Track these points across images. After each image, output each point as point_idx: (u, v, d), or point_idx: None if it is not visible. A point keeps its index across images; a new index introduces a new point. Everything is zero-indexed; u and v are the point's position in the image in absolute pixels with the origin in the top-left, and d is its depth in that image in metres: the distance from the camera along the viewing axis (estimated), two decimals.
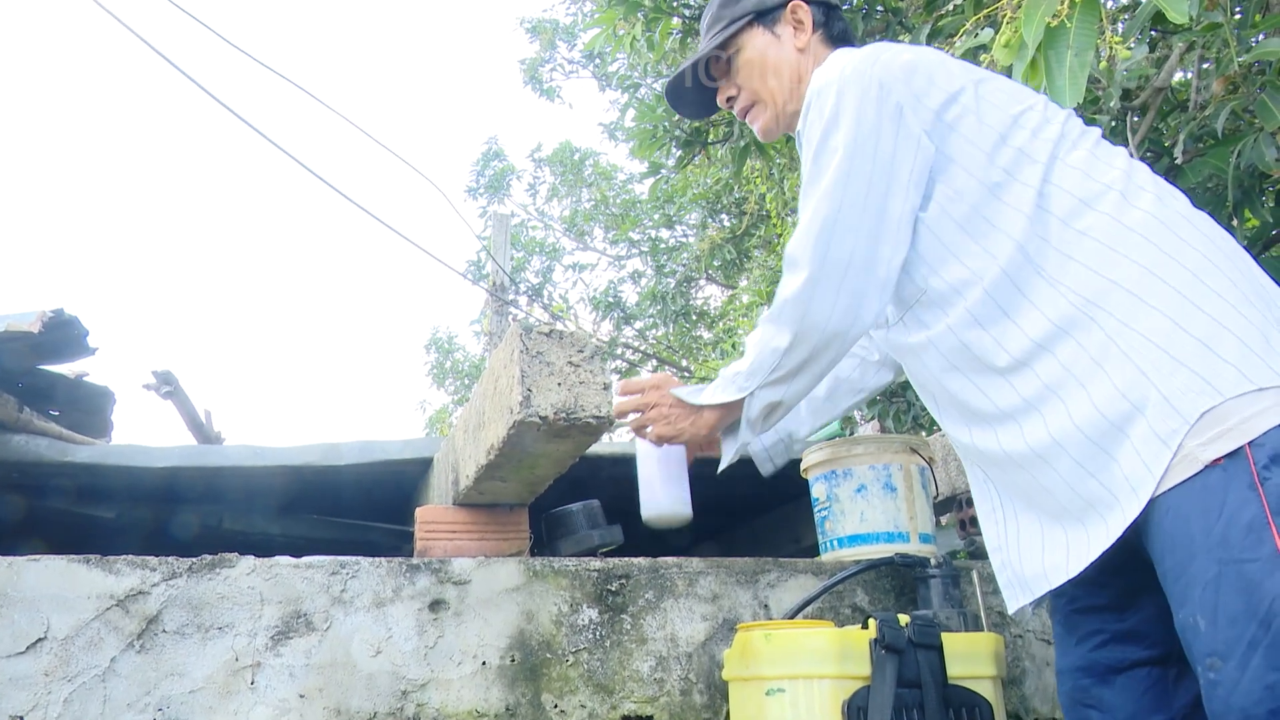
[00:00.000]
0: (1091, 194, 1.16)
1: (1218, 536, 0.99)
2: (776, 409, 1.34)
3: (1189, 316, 1.06)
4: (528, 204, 13.00)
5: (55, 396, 2.13)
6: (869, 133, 1.22)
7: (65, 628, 1.41)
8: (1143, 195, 1.15)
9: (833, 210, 1.22)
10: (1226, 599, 0.97)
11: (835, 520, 1.82)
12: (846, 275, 1.22)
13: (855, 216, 1.22)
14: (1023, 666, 1.81)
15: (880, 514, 1.77)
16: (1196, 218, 1.15)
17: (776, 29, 1.45)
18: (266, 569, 1.51)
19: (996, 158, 1.20)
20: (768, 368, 1.30)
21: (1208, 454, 1.01)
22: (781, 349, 1.28)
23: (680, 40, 3.81)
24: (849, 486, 1.81)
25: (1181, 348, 1.05)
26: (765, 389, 1.32)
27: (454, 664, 1.54)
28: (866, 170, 1.21)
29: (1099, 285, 1.11)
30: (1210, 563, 0.99)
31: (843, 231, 1.22)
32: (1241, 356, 1.03)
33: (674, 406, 1.41)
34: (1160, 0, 1.42)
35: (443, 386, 13.03)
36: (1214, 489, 1.00)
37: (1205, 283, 1.08)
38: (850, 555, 1.78)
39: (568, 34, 11.08)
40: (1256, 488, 0.98)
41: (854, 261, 1.22)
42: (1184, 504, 1.02)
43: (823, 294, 1.23)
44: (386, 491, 2.24)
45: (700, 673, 1.64)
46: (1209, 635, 0.99)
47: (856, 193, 1.22)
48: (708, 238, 8.89)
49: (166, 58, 3.85)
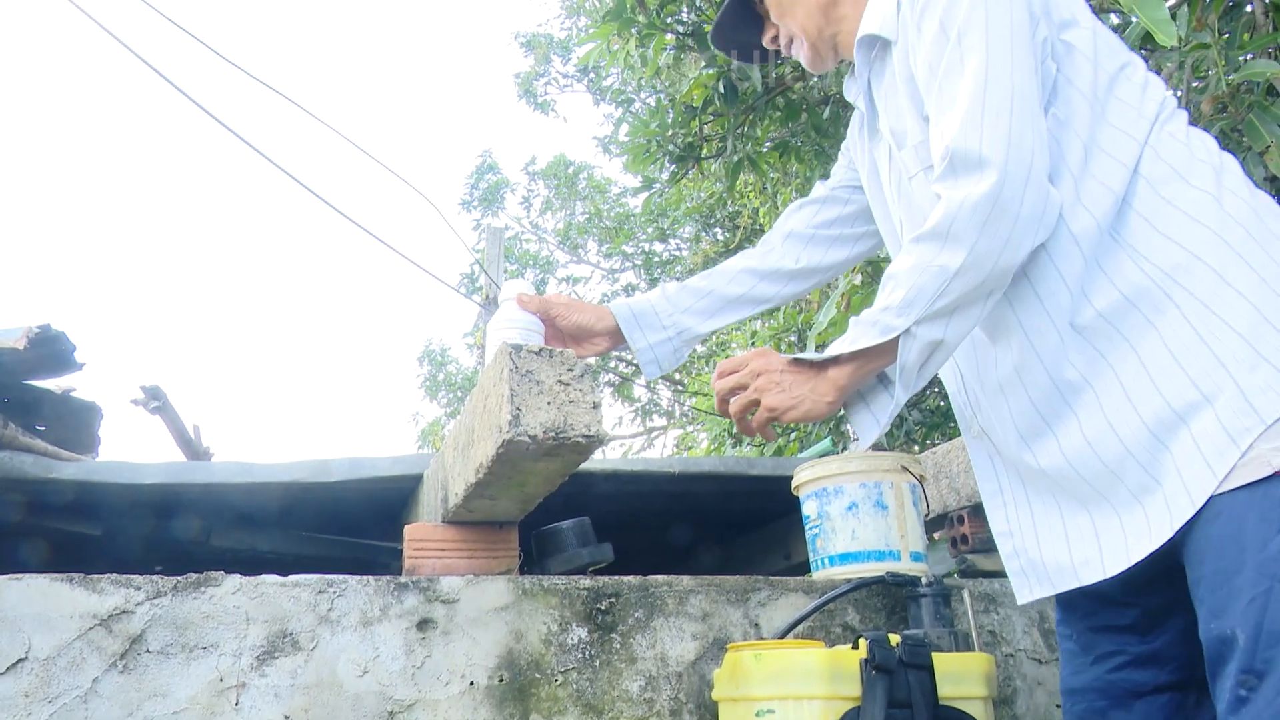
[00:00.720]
0: (1188, 166, 1.06)
1: (1275, 550, 0.92)
2: (938, 351, 1.09)
3: (1277, 309, 0.98)
4: (522, 217, 13.03)
5: (41, 412, 2.12)
6: (1002, 6, 1.08)
7: (47, 648, 1.39)
8: (1235, 178, 1.07)
9: (1001, 87, 1.05)
10: (1274, 617, 0.91)
11: (826, 538, 1.82)
12: (1034, 164, 1.03)
13: (1022, 94, 1.05)
14: (1014, 686, 1.81)
15: (871, 532, 1.77)
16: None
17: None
18: (252, 588, 1.50)
19: (1107, 100, 1.10)
20: (931, 294, 1.06)
21: (1278, 459, 0.93)
22: (952, 269, 1.04)
23: (674, 56, 3.83)
24: (840, 504, 1.81)
25: (1267, 341, 0.97)
26: (927, 323, 1.07)
27: (442, 684, 1.53)
28: (1008, 44, 1.06)
29: (1180, 259, 1.02)
30: (1262, 576, 0.92)
31: (1020, 111, 1.04)
32: None
33: (787, 370, 1.17)
34: (1149, 23, 1.43)
35: (435, 399, 13.02)
36: (1277, 499, 0.93)
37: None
38: (842, 573, 1.77)
39: (562, 48, 11.13)
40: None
41: (1037, 145, 1.04)
42: (1241, 509, 0.95)
43: (1012, 193, 1.02)
44: (376, 508, 2.23)
45: (690, 693, 1.63)
46: (1248, 651, 0.92)
47: (1018, 68, 1.06)
48: (701, 251, 8.91)
49: (160, 73, 3.85)
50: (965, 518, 2.12)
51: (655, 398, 11.49)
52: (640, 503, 2.45)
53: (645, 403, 11.42)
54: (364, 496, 2.14)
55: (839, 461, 1.84)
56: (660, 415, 11.43)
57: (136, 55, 3.81)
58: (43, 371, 2.03)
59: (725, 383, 1.23)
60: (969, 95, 1.06)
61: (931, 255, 1.06)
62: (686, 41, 3.60)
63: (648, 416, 11.42)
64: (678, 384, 10.89)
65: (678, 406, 11.19)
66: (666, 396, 11.46)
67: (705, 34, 3.52)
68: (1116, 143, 1.08)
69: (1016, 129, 1.03)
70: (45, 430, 2.12)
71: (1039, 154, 1.04)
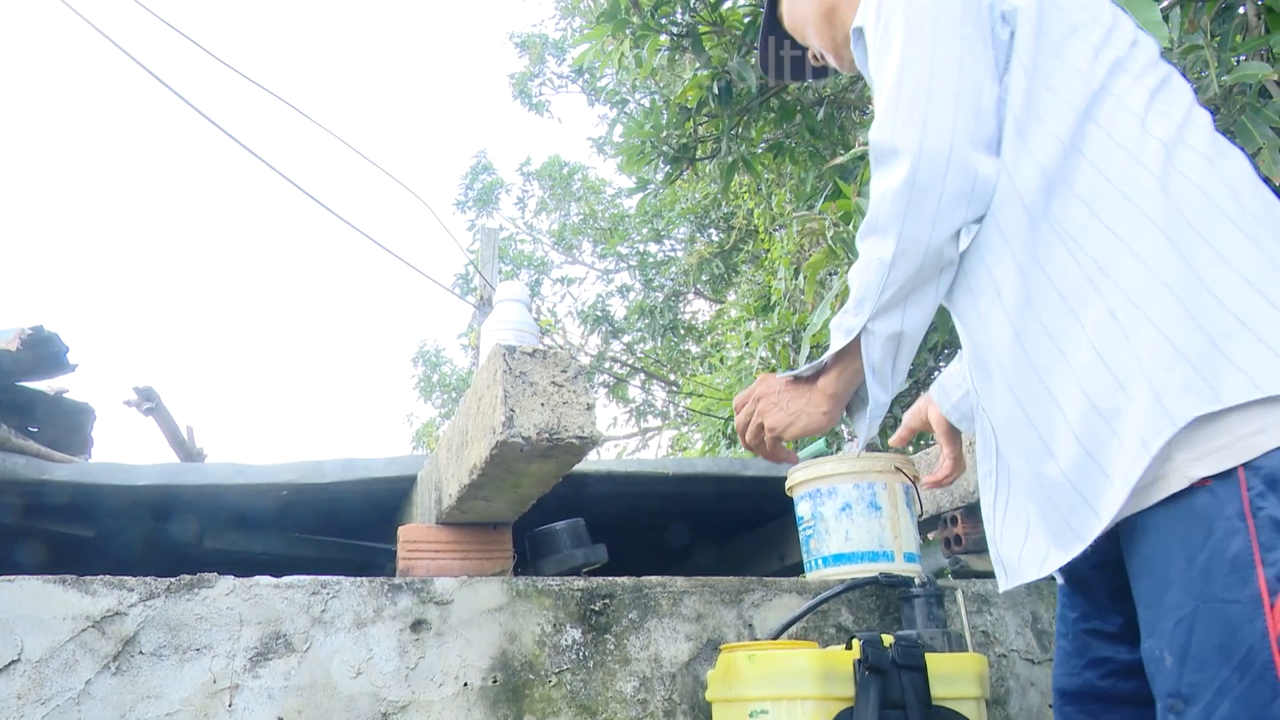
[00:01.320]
0: (1138, 142, 0.99)
1: (1199, 569, 0.88)
2: (902, 343, 1.08)
3: (1204, 304, 0.91)
4: (516, 217, 13.02)
5: (34, 413, 2.11)
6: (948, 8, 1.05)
7: (39, 649, 1.39)
8: (1185, 153, 0.98)
9: (917, 70, 1.03)
10: (1200, 639, 0.88)
11: (820, 539, 1.82)
12: (955, 144, 1.01)
13: (944, 70, 1.02)
14: (1007, 686, 1.81)
15: (865, 533, 1.77)
16: (1245, 184, 0.98)
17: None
18: (246, 589, 1.50)
19: (1051, 66, 1.04)
20: (876, 288, 1.06)
21: (1196, 471, 0.89)
22: (887, 260, 1.04)
23: (668, 57, 3.83)
24: (833, 505, 1.81)
25: (1187, 339, 0.91)
26: (882, 318, 1.07)
27: (435, 685, 1.52)
28: (930, 20, 1.04)
29: (1112, 250, 0.96)
30: (1187, 597, 0.89)
31: (938, 91, 1.02)
32: (1255, 358, 0.88)
33: (784, 390, 1.19)
34: (1141, 25, 1.43)
35: (430, 400, 13.00)
36: (1200, 514, 0.89)
37: (1234, 265, 0.93)
38: (835, 574, 1.78)
39: (557, 49, 11.13)
40: (1247, 518, 0.86)
41: (959, 123, 1.01)
42: (1166, 526, 0.91)
43: (929, 177, 1.01)
44: (370, 509, 2.23)
45: (684, 693, 1.63)
46: (1174, 674, 0.90)
47: (940, 43, 1.03)
48: (696, 252, 8.91)
49: (153, 73, 3.84)
50: (959, 518, 2.13)
51: (650, 399, 11.50)
52: (634, 504, 2.45)
53: (640, 403, 11.43)
54: (358, 498, 2.14)
55: (833, 462, 1.84)
56: (655, 416, 11.44)
57: (131, 57, 3.80)
58: (35, 373, 2.03)
59: (739, 417, 1.26)
60: (887, 85, 1.06)
61: (870, 250, 1.07)
62: (681, 42, 3.61)
63: (642, 417, 11.42)
64: (672, 385, 10.90)
65: (672, 407, 11.20)
66: (661, 397, 11.47)
67: (699, 35, 3.53)
68: (1054, 112, 1.03)
69: (934, 111, 1.01)
70: (38, 432, 2.12)
71: (963, 131, 1.01)
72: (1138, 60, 1.05)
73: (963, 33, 1.04)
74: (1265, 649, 0.84)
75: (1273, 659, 0.84)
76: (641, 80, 4.32)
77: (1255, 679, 0.84)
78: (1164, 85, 1.04)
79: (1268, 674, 0.84)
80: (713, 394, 6.88)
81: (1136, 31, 1.09)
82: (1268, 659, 0.84)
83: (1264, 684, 0.84)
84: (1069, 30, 1.06)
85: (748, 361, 5.85)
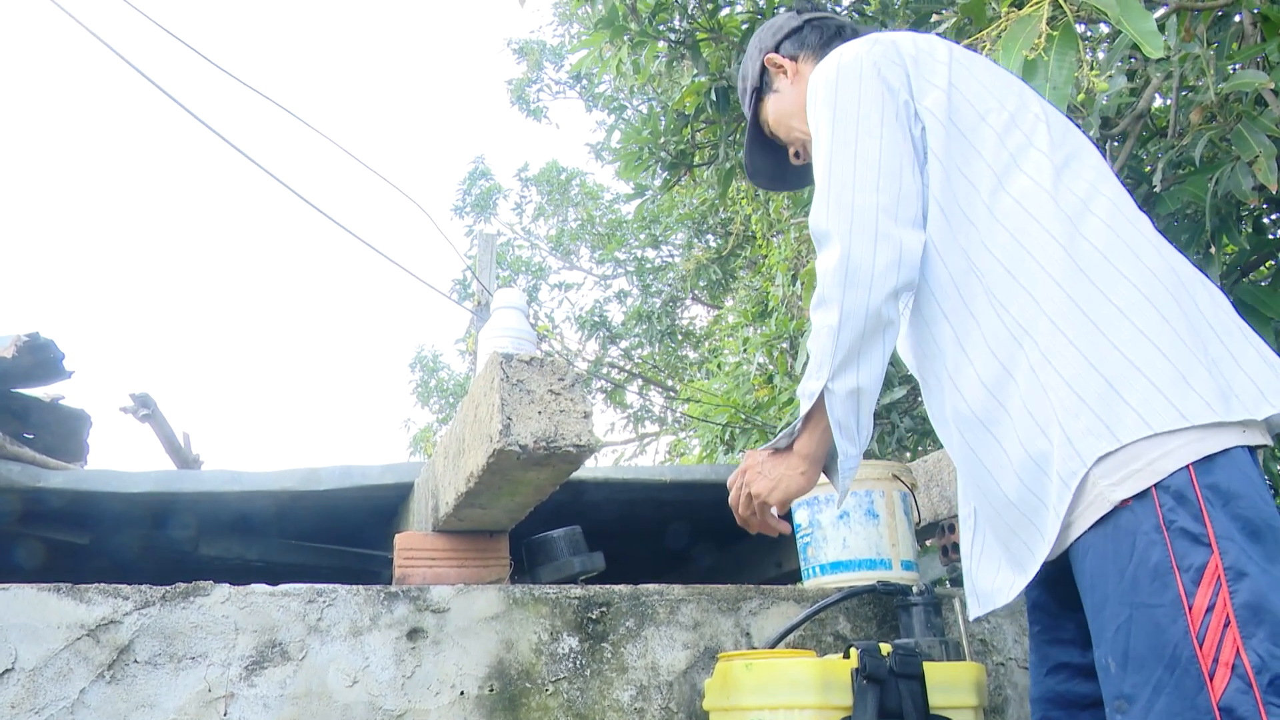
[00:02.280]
0: (1048, 212, 1.14)
1: (1129, 580, 1.00)
2: (861, 398, 1.21)
3: (1103, 354, 1.06)
4: (514, 223, 13.02)
5: (30, 420, 2.11)
6: (850, 94, 1.22)
7: (34, 658, 1.38)
8: (1090, 221, 1.13)
9: (843, 166, 1.20)
10: (1135, 643, 0.99)
11: (818, 547, 1.82)
12: (879, 222, 1.17)
13: (866, 164, 1.19)
14: (1005, 695, 1.81)
15: (862, 541, 1.77)
16: (1145, 247, 1.12)
17: (774, 86, 1.53)
18: (241, 597, 1.49)
19: (963, 155, 1.20)
20: (829, 351, 1.19)
21: (1117, 494, 1.02)
22: (835, 326, 1.18)
23: (666, 64, 3.83)
24: (831, 513, 1.80)
25: (1088, 387, 1.05)
26: (840, 377, 1.19)
27: (432, 694, 1.52)
28: (875, 133, 1.20)
29: (1030, 313, 1.11)
30: (1122, 606, 1.00)
31: (861, 181, 1.19)
32: (1146, 399, 1.02)
33: (766, 460, 1.30)
34: (1135, 34, 1.44)
35: (427, 405, 12.99)
36: (1124, 531, 1.01)
37: (1130, 318, 1.07)
38: (832, 582, 1.78)
39: (555, 55, 11.14)
40: (1162, 531, 0.99)
41: (881, 204, 1.18)
42: (1100, 544, 1.03)
43: (860, 255, 1.17)
44: (366, 517, 2.22)
45: (681, 702, 1.62)
46: (1118, 677, 1.00)
47: (861, 143, 1.20)
48: (693, 258, 8.91)
49: (150, 79, 3.84)
50: (956, 526, 2.12)
51: (647, 404, 11.50)
52: (632, 510, 2.45)
53: (637, 409, 11.42)
54: (355, 505, 2.13)
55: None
56: (652, 422, 11.43)
57: (128, 62, 3.80)
58: (31, 379, 2.02)
59: (731, 493, 1.36)
60: (819, 178, 1.23)
61: (820, 320, 1.21)
62: (679, 49, 3.61)
63: (640, 423, 11.41)
64: (670, 390, 10.89)
65: (670, 413, 11.19)
66: (659, 403, 11.46)
67: (697, 42, 3.53)
68: (969, 196, 1.18)
69: (860, 197, 1.18)
70: (34, 438, 2.11)
71: (886, 210, 1.17)
72: (1045, 136, 1.19)
73: (881, 132, 1.20)
74: (1188, 645, 0.96)
75: (1195, 654, 0.95)
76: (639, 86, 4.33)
77: (1182, 673, 0.95)
78: (1072, 159, 1.19)
79: (1192, 668, 0.95)
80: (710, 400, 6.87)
81: (1044, 108, 1.24)
82: (1191, 654, 0.95)
83: (1189, 677, 0.95)
84: (977, 119, 1.21)
85: (745, 367, 5.85)
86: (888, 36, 1.28)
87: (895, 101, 1.22)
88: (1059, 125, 1.23)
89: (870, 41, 1.27)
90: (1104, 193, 1.16)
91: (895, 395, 3.86)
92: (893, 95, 1.22)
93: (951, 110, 1.21)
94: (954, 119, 1.21)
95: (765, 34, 1.57)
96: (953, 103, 1.22)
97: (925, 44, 1.28)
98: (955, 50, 1.28)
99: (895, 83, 1.22)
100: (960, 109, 1.21)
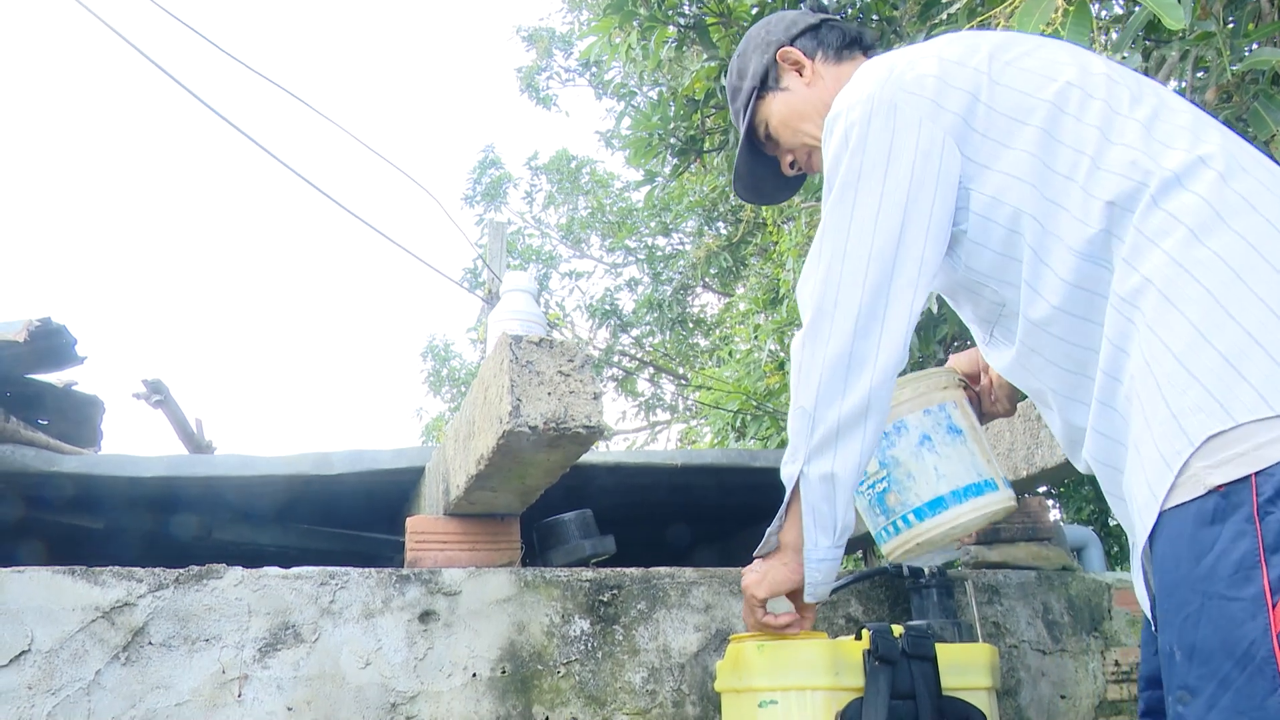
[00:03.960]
0: (1143, 175, 1.03)
1: (1206, 568, 0.93)
2: (836, 485, 1.17)
3: (1217, 324, 0.96)
4: (524, 212, 13.02)
5: (43, 406, 2.12)
6: (878, 159, 1.14)
7: (49, 640, 1.39)
8: (1200, 176, 1.02)
9: (836, 251, 1.16)
10: (1204, 633, 0.93)
11: (903, 487, 1.40)
12: (859, 320, 1.14)
13: (861, 257, 1.14)
14: (1018, 677, 1.80)
15: (958, 464, 1.39)
16: (1264, 198, 1.00)
17: (783, 83, 1.43)
18: (255, 580, 1.50)
19: (1029, 150, 1.10)
20: (805, 434, 1.17)
21: (1213, 479, 0.93)
22: (810, 409, 1.16)
23: (675, 48, 3.82)
24: (908, 442, 1.40)
25: (1200, 361, 0.95)
26: (814, 461, 1.17)
27: (444, 676, 1.52)
28: (873, 203, 1.14)
29: (1134, 282, 1.01)
30: (1194, 594, 0.94)
31: (849, 275, 1.14)
32: (1268, 375, 0.92)
33: (761, 561, 1.28)
34: (1155, 7, 1.42)
35: (439, 394, 13.02)
36: (1211, 517, 0.94)
37: (1247, 282, 0.96)
38: (938, 528, 1.38)
39: (564, 42, 11.11)
40: (1254, 522, 0.91)
41: (863, 304, 1.14)
42: (1180, 527, 0.96)
43: (838, 341, 1.14)
44: (378, 501, 2.23)
45: (693, 684, 1.62)
46: (1183, 667, 0.95)
47: (863, 229, 1.14)
48: (704, 245, 8.89)
49: (161, 67, 3.84)
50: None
51: (659, 392, 11.50)
52: (643, 496, 2.45)
53: (649, 397, 11.42)
54: (366, 489, 2.14)
55: None
56: (664, 410, 11.43)
57: (138, 50, 3.80)
58: (44, 365, 2.03)
59: (743, 610, 1.34)
60: (814, 248, 1.19)
61: (794, 400, 1.18)
62: (688, 34, 3.59)
63: (651, 411, 11.42)
64: (681, 378, 10.89)
65: (681, 401, 11.19)
66: (670, 391, 11.46)
67: (706, 26, 3.51)
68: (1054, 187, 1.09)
69: (846, 285, 1.14)
70: (47, 424, 2.12)
71: (868, 297, 1.13)
72: (1120, 98, 1.10)
73: (897, 197, 1.13)
74: (1266, 644, 0.88)
75: (1273, 654, 0.88)
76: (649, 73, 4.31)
77: (1255, 673, 0.88)
78: (1159, 110, 1.08)
79: (1267, 668, 0.88)
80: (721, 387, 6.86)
81: (1109, 67, 1.14)
82: (1268, 654, 0.88)
83: (1263, 678, 0.88)
84: (1029, 109, 1.12)
85: (756, 354, 5.84)
86: (914, 62, 1.18)
87: (931, 134, 1.13)
88: (1126, 81, 1.13)
89: (896, 72, 1.17)
90: (1206, 137, 1.06)
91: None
92: (928, 124, 1.13)
93: (993, 107, 1.13)
94: (996, 112, 1.13)
95: (774, 28, 1.46)
96: (996, 99, 1.13)
97: (953, 53, 1.18)
98: (989, 48, 1.18)
99: (930, 106, 1.14)
100: (1002, 101, 1.13)
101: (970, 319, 1.29)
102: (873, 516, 1.43)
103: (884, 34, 3.12)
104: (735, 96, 1.49)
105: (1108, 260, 1.05)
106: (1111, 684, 1.87)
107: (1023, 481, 1.95)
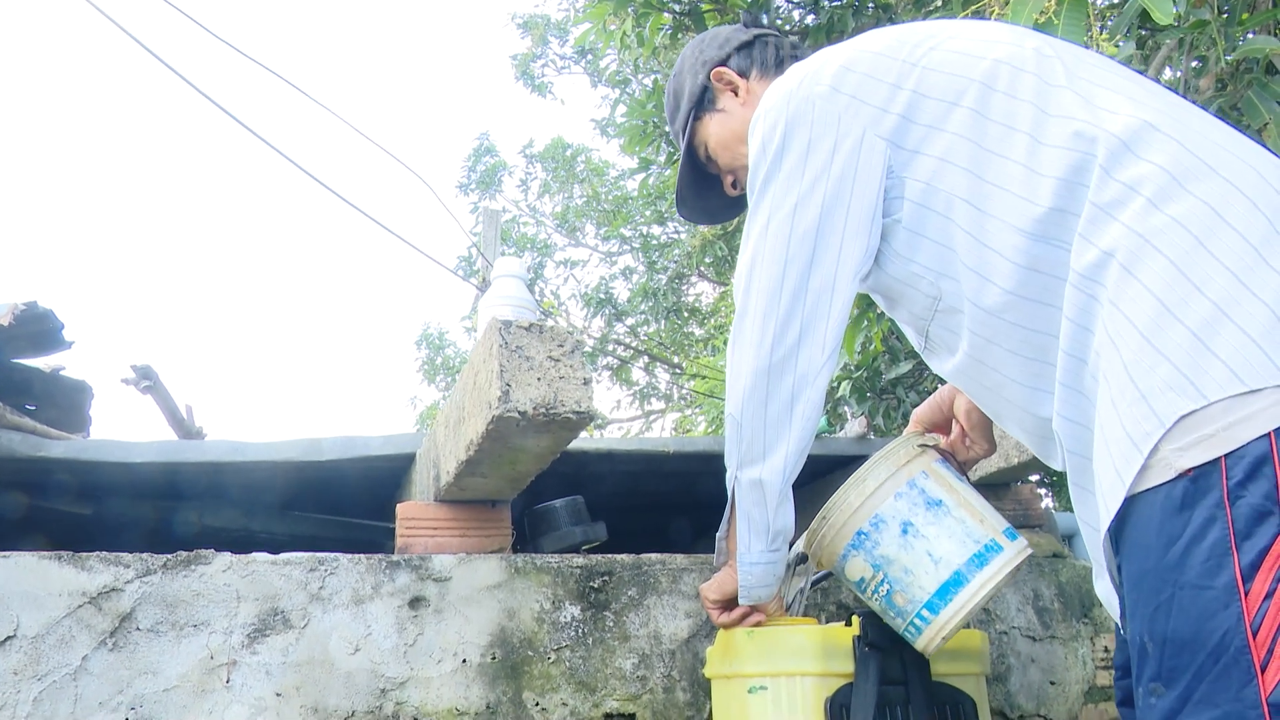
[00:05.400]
0: (1088, 145, 1.00)
1: (1176, 555, 0.89)
2: (765, 491, 1.19)
3: (1183, 296, 0.90)
4: (519, 200, 12.98)
5: (30, 391, 2.11)
6: (794, 160, 1.14)
7: (35, 625, 1.38)
8: (1151, 140, 0.97)
9: (757, 255, 1.17)
10: (1177, 624, 0.89)
11: (905, 585, 1.27)
12: (778, 324, 1.15)
13: (778, 260, 1.15)
14: (1008, 663, 1.81)
15: (950, 542, 1.26)
16: (1221, 156, 0.95)
17: (718, 104, 1.41)
18: (243, 566, 1.49)
19: (960, 132, 1.07)
20: (734, 442, 1.20)
21: (1182, 462, 0.89)
22: (735, 415, 1.18)
23: (670, 35, 3.80)
24: (890, 536, 1.28)
25: (1168, 336, 0.90)
26: (746, 467, 1.19)
27: (434, 662, 1.52)
28: (789, 204, 1.14)
29: (1092, 256, 0.97)
30: (1164, 584, 0.90)
31: (767, 280, 1.15)
32: (1238, 349, 0.87)
33: (718, 570, 1.33)
34: (1145, 0, 1.41)
35: (433, 383, 13.00)
36: (1180, 503, 0.89)
37: (1211, 250, 0.90)
38: (960, 609, 1.25)
39: (559, 30, 11.05)
40: (1225, 507, 0.87)
41: (781, 308, 1.15)
42: (1149, 512, 0.92)
43: (759, 347, 1.16)
44: (369, 487, 2.22)
45: (684, 670, 1.62)
46: (1155, 659, 0.91)
47: (779, 232, 1.14)
48: (699, 234, 8.87)
49: (152, 51, 3.82)
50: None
51: (653, 381, 11.49)
52: (635, 483, 2.45)
53: (643, 386, 11.41)
54: (357, 475, 2.13)
55: (842, 494, 1.32)
56: (659, 399, 11.43)
57: (127, 33, 3.78)
58: (30, 350, 2.02)
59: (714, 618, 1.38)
60: (744, 241, 1.19)
61: (727, 403, 1.20)
62: (683, 21, 3.57)
63: (646, 400, 11.41)
64: (676, 367, 10.89)
65: (676, 390, 11.19)
66: (665, 380, 11.46)
67: (702, 13, 3.49)
68: (994, 168, 1.07)
69: (768, 297, 1.15)
70: (35, 410, 2.11)
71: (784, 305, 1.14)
72: (1054, 72, 1.07)
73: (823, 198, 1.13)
74: (1240, 634, 0.85)
75: (1248, 644, 0.85)
76: (644, 60, 4.29)
77: (1230, 663, 0.85)
78: (1099, 78, 1.05)
79: (1242, 658, 0.85)
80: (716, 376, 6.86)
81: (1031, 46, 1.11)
82: (1243, 644, 0.85)
83: (1238, 668, 0.85)
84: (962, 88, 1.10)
85: None
86: (827, 60, 1.17)
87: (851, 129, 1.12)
88: (1059, 53, 1.10)
89: (809, 71, 1.17)
90: (1151, 102, 1.02)
91: (901, 370, 3.84)
92: (848, 120, 1.12)
93: (924, 92, 1.11)
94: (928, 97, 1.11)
95: (708, 46, 1.43)
96: (925, 84, 1.11)
97: (875, 45, 1.16)
98: (915, 33, 1.16)
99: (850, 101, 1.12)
100: (935, 86, 1.11)
101: (905, 321, 1.25)
102: (891, 620, 1.31)
103: (879, 21, 3.11)
104: (673, 119, 1.47)
105: (1062, 239, 1.01)
106: (1101, 670, 1.87)
107: (1014, 469, 1.95)
